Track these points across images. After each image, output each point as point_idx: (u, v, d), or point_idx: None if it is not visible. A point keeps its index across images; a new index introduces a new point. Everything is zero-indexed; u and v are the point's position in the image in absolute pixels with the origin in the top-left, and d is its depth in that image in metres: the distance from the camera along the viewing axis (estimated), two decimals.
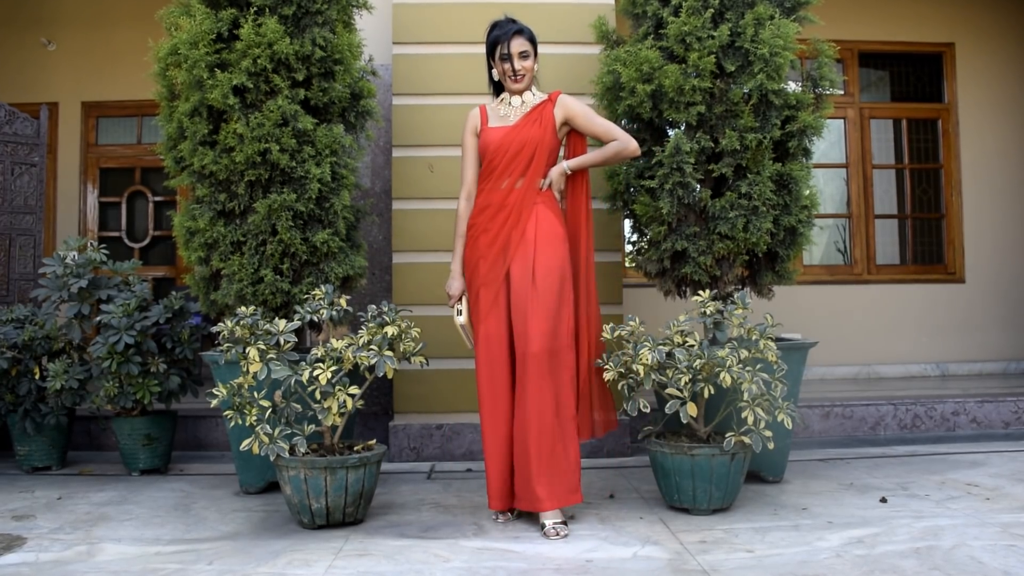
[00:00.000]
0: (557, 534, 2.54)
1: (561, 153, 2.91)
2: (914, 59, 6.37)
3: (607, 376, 2.76)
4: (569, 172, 2.81)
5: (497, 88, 2.93)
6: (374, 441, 2.87)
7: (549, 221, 2.75)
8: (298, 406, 2.70)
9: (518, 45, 2.80)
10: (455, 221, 2.90)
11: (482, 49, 2.93)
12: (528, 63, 2.81)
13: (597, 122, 2.85)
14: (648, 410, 2.75)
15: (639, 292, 5.20)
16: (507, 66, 2.80)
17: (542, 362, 2.63)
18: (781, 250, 3.27)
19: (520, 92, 2.85)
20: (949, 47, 6.21)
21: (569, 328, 2.71)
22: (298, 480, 2.62)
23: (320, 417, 2.66)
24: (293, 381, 2.65)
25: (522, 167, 2.78)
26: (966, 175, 6.15)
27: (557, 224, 2.76)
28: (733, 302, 2.85)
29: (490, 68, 2.89)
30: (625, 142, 2.82)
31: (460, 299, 2.84)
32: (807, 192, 3.22)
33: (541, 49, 3.81)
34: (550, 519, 2.58)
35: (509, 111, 2.85)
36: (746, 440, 2.64)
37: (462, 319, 2.83)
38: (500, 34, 2.81)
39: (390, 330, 2.72)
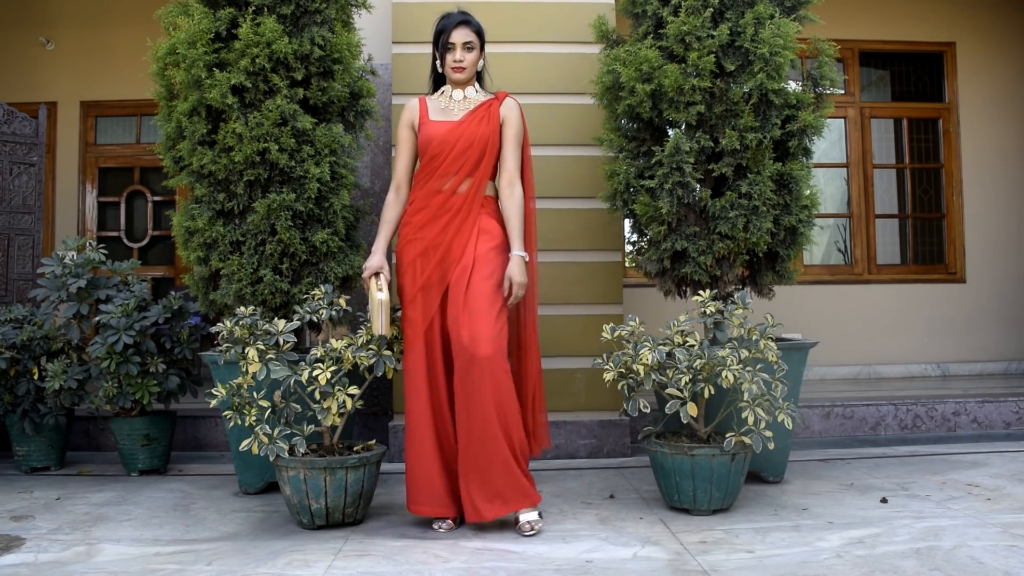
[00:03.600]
0: (532, 528, 2.55)
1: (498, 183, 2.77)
2: (915, 58, 6.36)
3: (607, 376, 2.76)
4: (526, 257, 2.69)
5: (437, 82, 2.86)
6: (373, 441, 2.87)
7: (490, 230, 2.71)
8: (297, 406, 2.69)
9: (462, 35, 2.73)
10: (383, 208, 2.85)
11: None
12: (472, 56, 2.75)
13: (513, 151, 2.75)
14: (648, 410, 2.74)
15: (639, 292, 5.20)
16: (450, 56, 2.73)
17: (494, 367, 2.55)
18: (781, 250, 3.27)
19: (462, 85, 2.78)
20: (950, 46, 6.20)
21: (506, 335, 2.65)
22: (297, 480, 2.62)
23: (319, 417, 2.65)
24: (292, 381, 2.64)
25: (470, 167, 2.70)
26: (967, 175, 6.14)
27: (499, 232, 2.73)
28: (733, 302, 2.84)
29: (434, 59, 2.82)
30: (511, 193, 2.72)
31: (378, 275, 2.70)
32: (807, 192, 3.21)
33: (542, 48, 3.85)
34: (525, 514, 2.59)
35: (451, 105, 2.78)
36: (746, 440, 2.64)
37: (383, 295, 2.64)
38: (446, 23, 2.76)
39: (375, 327, 2.71)
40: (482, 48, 2.80)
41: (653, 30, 3.26)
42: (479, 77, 2.85)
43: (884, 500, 2.87)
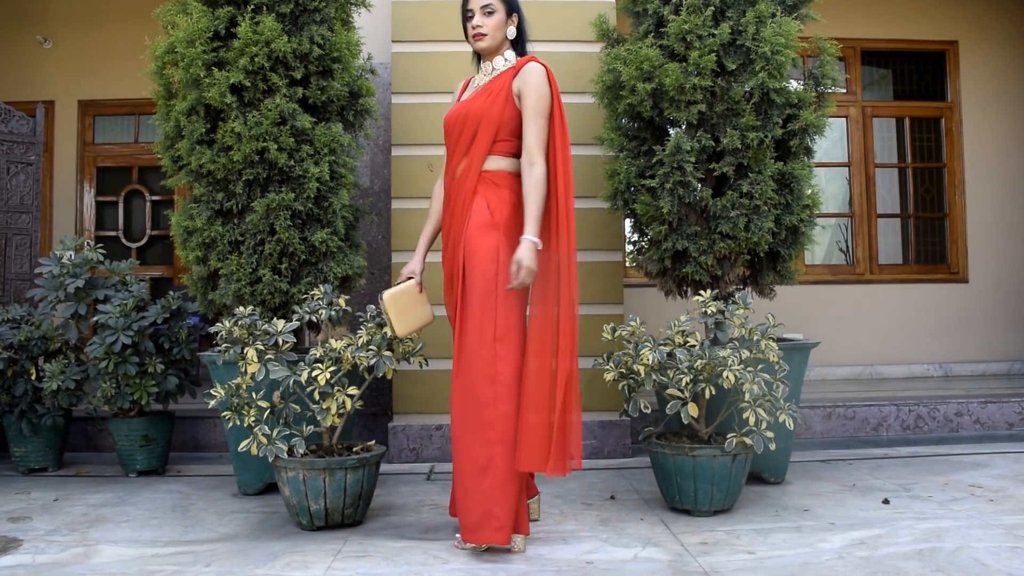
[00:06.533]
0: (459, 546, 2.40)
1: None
2: (917, 57, 6.34)
3: (607, 377, 2.74)
4: (538, 243, 2.37)
5: (479, 58, 2.62)
6: (373, 442, 2.85)
7: (480, 208, 2.44)
8: (297, 407, 2.68)
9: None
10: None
11: None
12: (492, 20, 2.47)
13: (532, 124, 2.42)
14: (649, 411, 2.73)
15: (640, 292, 5.19)
16: (469, 24, 2.50)
17: (460, 372, 2.39)
18: (783, 250, 3.25)
19: (489, 55, 2.53)
20: (952, 45, 6.18)
21: (500, 328, 2.36)
22: (297, 481, 2.60)
23: (319, 418, 2.64)
24: (292, 382, 2.63)
25: (464, 146, 2.46)
26: (969, 174, 6.12)
27: (487, 209, 2.43)
28: (734, 302, 2.83)
29: (465, 32, 2.58)
30: (528, 171, 2.40)
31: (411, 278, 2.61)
32: (809, 191, 3.20)
33: (542, 47, 3.81)
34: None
35: (481, 81, 2.56)
36: (747, 441, 2.62)
37: (384, 295, 2.55)
38: None
39: (389, 330, 2.70)
40: (511, 12, 2.52)
41: (654, 29, 3.25)
42: (516, 45, 2.56)
43: (886, 501, 2.86)
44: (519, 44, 2.57)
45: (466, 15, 2.53)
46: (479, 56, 2.62)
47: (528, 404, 2.36)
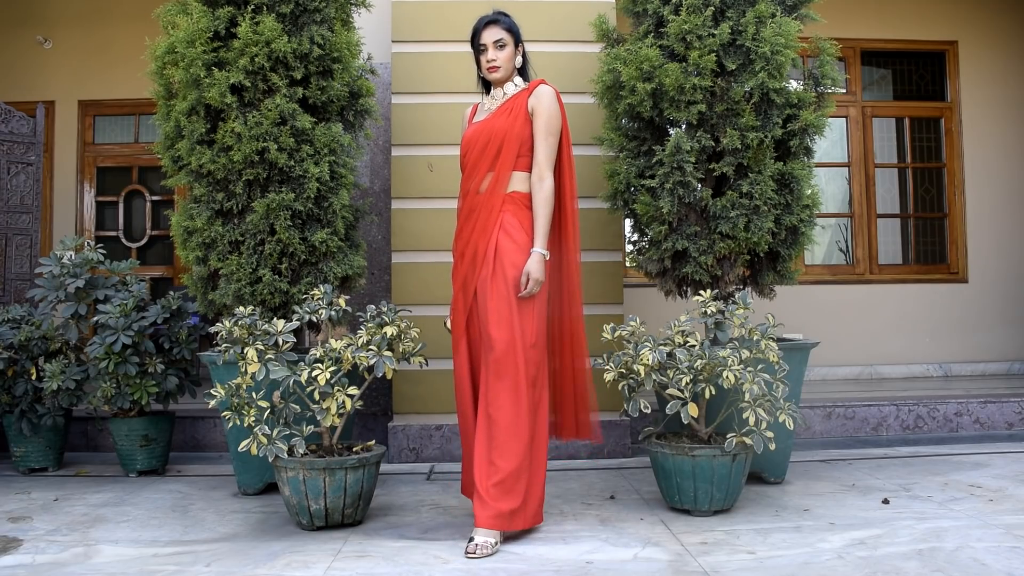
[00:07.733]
0: (473, 552, 2.37)
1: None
2: (917, 57, 6.34)
3: (607, 377, 2.74)
4: (547, 254, 2.61)
5: (487, 84, 2.82)
6: (373, 442, 2.86)
7: (512, 226, 2.62)
8: (296, 407, 2.68)
9: (492, 34, 2.71)
10: None
11: None
12: (504, 53, 2.71)
13: (543, 142, 2.65)
14: (649, 411, 2.73)
15: (640, 292, 5.19)
16: (483, 57, 2.73)
17: (497, 368, 2.52)
18: (783, 250, 3.25)
19: (500, 83, 2.76)
20: (952, 45, 6.18)
21: (530, 335, 2.56)
22: (297, 481, 2.60)
23: (319, 418, 2.64)
24: (292, 382, 2.63)
25: (488, 162, 2.65)
26: (969, 174, 6.12)
27: (521, 228, 2.63)
28: (734, 302, 2.83)
29: (476, 63, 2.81)
30: (539, 186, 2.63)
31: None
32: (809, 191, 3.20)
33: (542, 47, 3.83)
34: (479, 535, 2.44)
35: (492, 104, 2.77)
36: (747, 441, 2.62)
37: (449, 324, 2.79)
38: (477, 26, 2.75)
39: (389, 330, 2.70)
40: (517, 43, 2.76)
41: (654, 29, 3.25)
42: (522, 72, 2.80)
43: (886, 501, 2.86)
44: (523, 70, 2.82)
45: (478, 49, 2.76)
46: (486, 83, 2.83)
47: (560, 399, 2.75)
